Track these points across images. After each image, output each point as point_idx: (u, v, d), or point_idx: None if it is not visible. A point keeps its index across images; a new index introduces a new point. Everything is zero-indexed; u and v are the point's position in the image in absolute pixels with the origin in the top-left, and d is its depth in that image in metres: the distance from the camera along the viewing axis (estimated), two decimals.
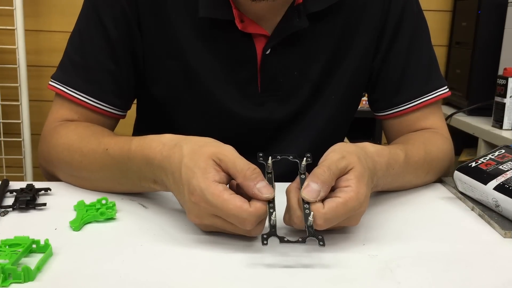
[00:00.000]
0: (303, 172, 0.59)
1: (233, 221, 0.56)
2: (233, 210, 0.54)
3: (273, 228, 0.55)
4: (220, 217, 0.56)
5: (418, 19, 0.91)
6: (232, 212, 0.55)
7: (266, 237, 0.54)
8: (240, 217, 0.55)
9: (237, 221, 0.55)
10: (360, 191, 0.57)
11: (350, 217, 0.58)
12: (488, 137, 1.74)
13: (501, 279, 0.54)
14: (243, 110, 0.85)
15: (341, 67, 0.87)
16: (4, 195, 0.70)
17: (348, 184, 0.58)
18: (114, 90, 0.84)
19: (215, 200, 0.55)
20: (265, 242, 0.54)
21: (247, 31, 0.81)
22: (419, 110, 0.90)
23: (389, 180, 0.71)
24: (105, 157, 0.71)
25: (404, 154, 0.74)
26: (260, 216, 0.55)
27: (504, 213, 0.68)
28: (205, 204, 0.56)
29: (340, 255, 0.57)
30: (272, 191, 0.56)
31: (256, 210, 0.55)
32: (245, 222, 0.55)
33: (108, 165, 0.71)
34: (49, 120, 0.84)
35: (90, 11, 0.83)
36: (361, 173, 0.59)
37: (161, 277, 0.52)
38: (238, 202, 0.55)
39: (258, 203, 0.55)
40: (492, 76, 1.86)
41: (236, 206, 0.54)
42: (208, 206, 0.56)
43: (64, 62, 0.85)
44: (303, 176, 0.59)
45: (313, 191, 0.56)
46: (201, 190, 0.55)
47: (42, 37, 2.13)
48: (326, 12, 0.82)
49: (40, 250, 0.55)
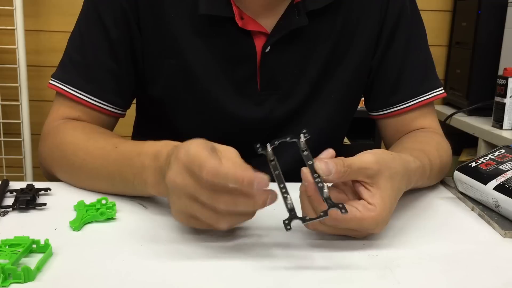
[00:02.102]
0: (304, 148, 0.57)
1: (196, 170, 0.52)
2: (201, 157, 0.52)
3: (292, 211, 0.53)
4: (195, 174, 0.52)
5: (415, 20, 0.91)
6: (198, 159, 0.52)
7: (287, 222, 0.52)
8: (202, 165, 0.51)
9: (198, 168, 0.51)
10: (381, 214, 0.57)
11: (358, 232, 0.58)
12: (488, 137, 1.74)
13: (501, 279, 0.54)
14: (242, 109, 0.85)
15: (341, 66, 0.87)
16: (4, 195, 0.70)
17: (374, 203, 0.56)
18: (115, 88, 0.84)
19: (195, 151, 0.53)
20: (288, 227, 0.52)
21: (247, 29, 0.81)
22: (414, 110, 0.91)
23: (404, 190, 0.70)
24: (111, 153, 0.71)
25: (429, 170, 0.74)
26: (220, 171, 0.51)
27: (504, 213, 0.68)
28: (184, 156, 0.54)
29: (340, 255, 0.57)
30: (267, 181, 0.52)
31: (220, 164, 0.51)
32: (202, 170, 0.51)
33: (110, 161, 0.70)
34: (49, 119, 0.84)
35: (90, 10, 0.83)
36: (389, 195, 0.58)
37: (161, 277, 0.52)
38: (210, 155, 0.52)
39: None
40: (492, 76, 1.86)
41: (205, 155, 0.52)
42: (185, 157, 0.53)
43: (65, 61, 0.85)
44: (305, 153, 0.57)
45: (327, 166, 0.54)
46: (188, 146, 0.54)
47: (42, 37, 2.13)
48: (326, 10, 0.83)
49: (40, 250, 0.55)
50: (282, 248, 0.58)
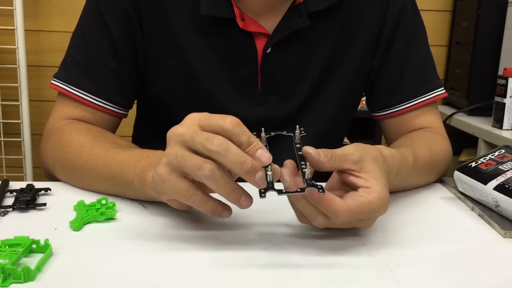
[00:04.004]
0: (298, 141, 0.59)
1: (230, 123, 0.53)
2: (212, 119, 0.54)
3: (270, 184, 0.53)
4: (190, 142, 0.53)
5: (416, 20, 0.91)
6: (230, 117, 0.53)
7: (263, 191, 0.52)
8: (238, 121, 0.53)
9: (236, 121, 0.53)
10: (382, 193, 0.57)
11: (367, 219, 0.58)
12: (488, 137, 1.74)
13: (501, 279, 0.54)
14: (243, 109, 0.85)
15: (341, 66, 0.87)
16: (4, 195, 0.70)
17: (369, 185, 0.57)
18: (117, 88, 0.84)
19: (195, 116, 0.55)
20: (263, 195, 0.52)
21: (248, 30, 0.81)
22: (416, 110, 0.91)
23: (396, 183, 0.71)
24: (116, 156, 0.70)
25: (413, 159, 0.74)
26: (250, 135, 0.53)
27: (504, 213, 0.68)
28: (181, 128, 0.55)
29: (340, 255, 0.57)
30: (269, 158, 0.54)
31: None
32: (240, 124, 0.53)
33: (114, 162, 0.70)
34: (52, 119, 0.84)
35: (92, 10, 0.83)
36: (380, 175, 0.59)
37: (161, 277, 0.52)
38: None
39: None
40: (492, 76, 1.87)
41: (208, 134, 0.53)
42: (195, 117, 0.55)
43: (67, 61, 0.85)
44: (298, 145, 0.59)
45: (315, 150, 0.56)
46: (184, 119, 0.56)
47: (42, 37, 2.13)
48: (327, 11, 0.83)
49: (40, 250, 0.55)
50: (282, 247, 0.58)
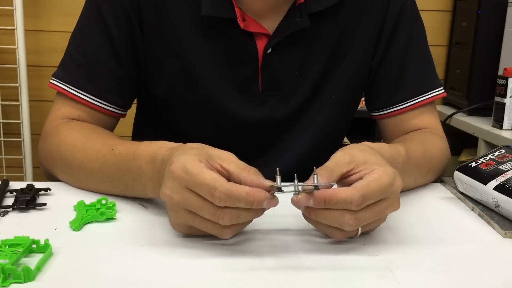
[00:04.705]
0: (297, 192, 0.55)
1: (204, 192, 0.53)
2: (207, 179, 0.52)
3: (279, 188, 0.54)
4: (193, 191, 0.54)
5: (415, 20, 0.92)
6: (206, 181, 0.52)
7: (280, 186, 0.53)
8: (211, 187, 0.52)
9: (207, 191, 0.52)
10: (386, 169, 0.57)
11: (388, 199, 0.57)
12: (488, 137, 1.74)
13: (501, 279, 0.54)
14: (243, 109, 0.85)
15: (341, 67, 0.87)
16: (4, 195, 0.70)
17: (370, 169, 0.57)
18: (116, 88, 0.84)
19: (193, 169, 0.53)
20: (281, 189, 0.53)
21: (249, 30, 0.81)
22: (414, 110, 0.91)
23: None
24: (108, 156, 0.71)
25: (405, 149, 0.74)
26: (232, 195, 0.52)
27: (504, 213, 0.68)
28: (181, 173, 0.54)
29: (340, 255, 0.57)
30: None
31: (231, 186, 0.52)
32: (215, 193, 0.52)
33: (108, 164, 0.71)
34: (50, 119, 0.84)
35: (92, 10, 0.83)
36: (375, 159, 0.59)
37: (161, 277, 0.52)
38: (214, 174, 0.53)
39: (245, 187, 0.53)
40: (492, 76, 1.86)
41: (212, 177, 0.53)
42: (184, 175, 0.54)
43: (66, 61, 0.85)
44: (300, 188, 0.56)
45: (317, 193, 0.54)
46: (183, 161, 0.55)
47: (42, 37, 2.13)
48: (327, 12, 0.83)
49: (40, 250, 0.55)
50: (282, 248, 0.58)
